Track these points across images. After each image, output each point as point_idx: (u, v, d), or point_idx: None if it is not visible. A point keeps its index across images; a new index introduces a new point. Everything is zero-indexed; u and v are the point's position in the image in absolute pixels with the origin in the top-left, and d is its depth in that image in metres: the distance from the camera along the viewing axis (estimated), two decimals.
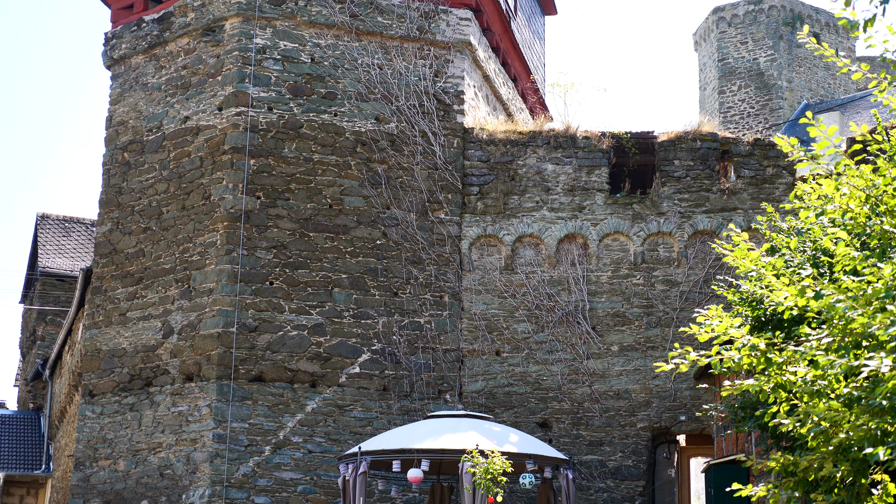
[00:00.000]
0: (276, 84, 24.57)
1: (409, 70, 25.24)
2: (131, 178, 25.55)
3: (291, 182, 24.17)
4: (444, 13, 25.63)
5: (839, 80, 57.06)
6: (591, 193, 24.82)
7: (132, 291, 24.87)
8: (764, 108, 55.38)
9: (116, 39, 26.67)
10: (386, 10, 25.36)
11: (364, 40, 25.25)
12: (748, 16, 56.90)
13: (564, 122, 25.69)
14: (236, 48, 24.57)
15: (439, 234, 24.55)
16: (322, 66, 24.88)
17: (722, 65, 57.03)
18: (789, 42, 55.94)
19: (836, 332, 9.57)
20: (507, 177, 24.94)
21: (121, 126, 26.10)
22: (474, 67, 26.47)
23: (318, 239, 24.06)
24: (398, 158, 24.72)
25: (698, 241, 24.44)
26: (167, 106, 25.36)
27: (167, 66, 25.66)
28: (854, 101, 49.57)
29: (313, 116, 24.59)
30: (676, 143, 24.93)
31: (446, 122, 25.15)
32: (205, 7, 25.22)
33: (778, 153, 24.46)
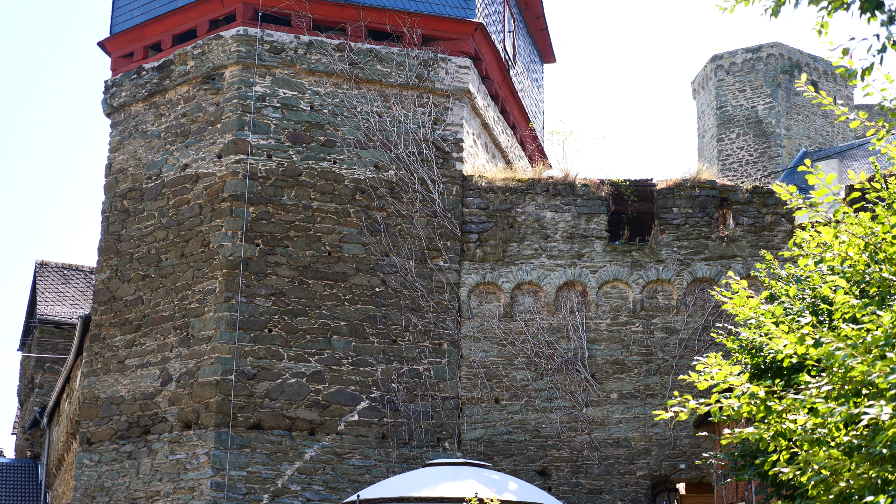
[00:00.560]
0: (275, 132, 24.64)
1: (408, 118, 25.32)
2: (130, 226, 25.56)
3: (290, 229, 24.18)
4: (443, 61, 25.74)
5: (837, 128, 57.25)
6: (589, 241, 24.83)
7: (131, 339, 24.82)
8: (762, 156, 55.51)
9: (116, 87, 26.78)
10: (385, 59, 25.47)
11: (363, 88, 25.35)
12: (746, 64, 57.15)
13: (563, 170, 25.74)
14: (236, 96, 24.66)
15: (438, 281, 24.53)
16: (321, 114, 24.97)
17: (720, 112, 57.22)
18: (787, 90, 56.15)
19: (836, 380, 9.53)
20: (506, 224, 24.96)
21: (120, 173, 26.14)
22: (473, 115, 26.55)
23: (317, 286, 24.04)
24: (397, 206, 24.75)
25: (697, 289, 24.42)
26: (167, 153, 25.42)
27: (167, 113, 25.75)
28: (852, 148, 49.71)
29: (312, 164, 24.63)
30: (675, 190, 24.97)
31: (445, 170, 25.20)
32: (204, 55, 25.33)
33: (777, 201, 24.49)
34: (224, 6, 25.48)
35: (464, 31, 26.05)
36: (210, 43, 25.33)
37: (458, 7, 26.12)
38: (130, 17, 27.04)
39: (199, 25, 25.83)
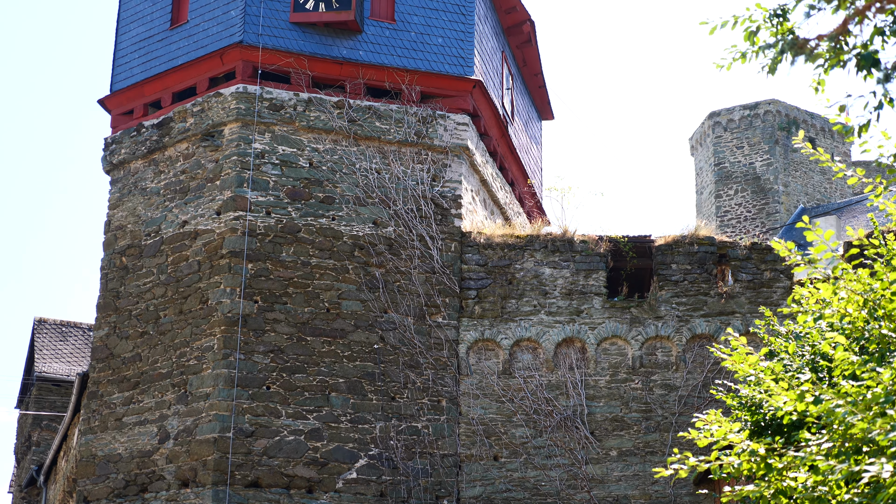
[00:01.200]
0: (274, 188, 24.70)
1: (407, 174, 25.38)
2: (129, 283, 25.55)
3: (289, 286, 24.17)
4: (442, 118, 25.85)
5: (835, 184, 57.42)
6: (588, 297, 24.81)
7: (128, 396, 24.72)
8: (761, 212, 55.62)
9: (116, 144, 26.87)
10: (384, 116, 25.58)
11: (362, 145, 25.44)
12: (744, 121, 57.40)
13: (562, 226, 25.77)
14: (235, 153, 24.74)
15: (437, 338, 24.48)
16: (320, 171, 25.03)
17: (718, 169, 57.39)
18: (785, 146, 56.36)
19: (837, 438, 9.49)
20: (505, 281, 24.94)
21: (119, 230, 26.16)
22: (472, 172, 26.62)
23: (316, 343, 23.99)
24: (396, 262, 24.75)
25: (696, 346, 24.37)
26: (166, 210, 25.46)
27: (166, 170, 25.82)
28: (850, 205, 49.82)
29: (311, 221, 24.67)
30: (674, 247, 24.98)
31: (444, 226, 25.23)
32: (204, 112, 25.44)
33: (775, 257, 24.50)
34: (224, 64, 25.62)
35: (462, 88, 26.18)
36: (210, 100, 25.45)
37: (457, 65, 26.27)
38: (130, 74, 27.19)
39: (199, 83, 25.97)
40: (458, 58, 26.31)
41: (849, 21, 9.14)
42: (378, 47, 25.96)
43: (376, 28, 26.08)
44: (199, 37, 26.19)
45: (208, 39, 25.98)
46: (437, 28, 26.41)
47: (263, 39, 25.39)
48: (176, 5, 27.13)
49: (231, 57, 25.45)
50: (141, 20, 27.55)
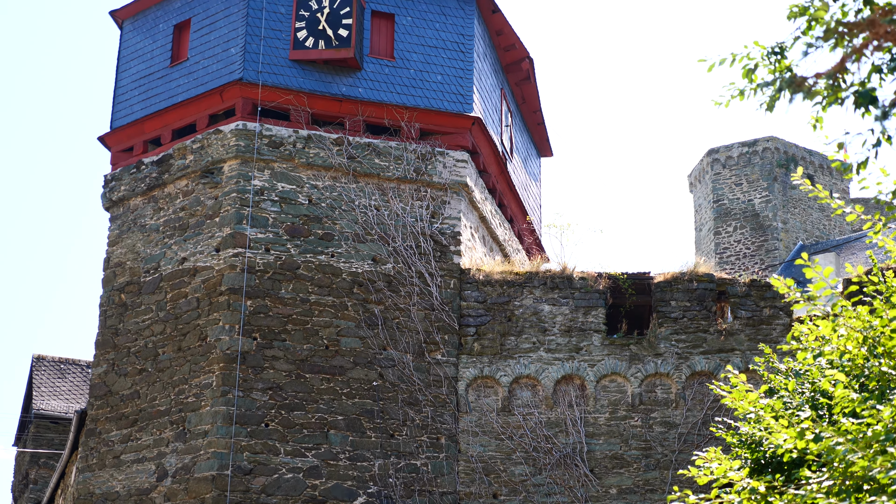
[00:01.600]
0: (273, 225, 24.71)
1: (406, 211, 25.41)
2: (128, 320, 25.52)
3: (288, 323, 24.13)
4: (441, 155, 25.90)
5: (834, 221, 57.46)
6: (587, 334, 24.78)
7: (126, 434, 24.64)
8: (760, 249, 55.64)
9: (116, 182, 26.91)
10: (383, 153, 25.63)
11: (361, 182, 25.47)
12: (742, 157, 57.50)
13: (561, 263, 25.77)
14: (234, 190, 24.77)
15: (436, 375, 24.43)
16: (319, 208, 25.06)
17: (717, 206, 57.45)
18: (784, 183, 56.45)
19: (837, 476, 9.45)
20: (504, 317, 24.92)
21: (118, 267, 26.16)
22: (471, 209, 26.65)
23: (315, 380, 23.94)
24: (395, 299, 24.73)
25: (696, 383, 24.32)
26: (165, 247, 25.47)
27: (165, 207, 25.84)
28: (849, 242, 49.83)
29: (310, 257, 24.67)
30: (673, 283, 24.97)
31: (443, 263, 25.23)
32: (203, 150, 25.49)
33: (774, 294, 24.48)
34: (224, 101, 25.70)
35: (461, 125, 26.25)
36: (209, 137, 25.51)
37: (456, 102, 26.35)
38: (130, 112, 27.27)
39: (199, 120, 26.03)
40: (457, 95, 26.39)
41: (846, 59, 9.17)
42: (377, 84, 26.05)
43: (376, 65, 26.17)
44: (199, 74, 26.29)
45: (208, 77, 26.08)
46: (437, 65, 26.51)
47: (263, 77, 25.47)
48: (176, 43, 27.24)
49: (231, 94, 25.53)
50: (141, 58, 27.66)
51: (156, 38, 27.58)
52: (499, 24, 28.76)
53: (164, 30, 27.47)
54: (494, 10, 28.12)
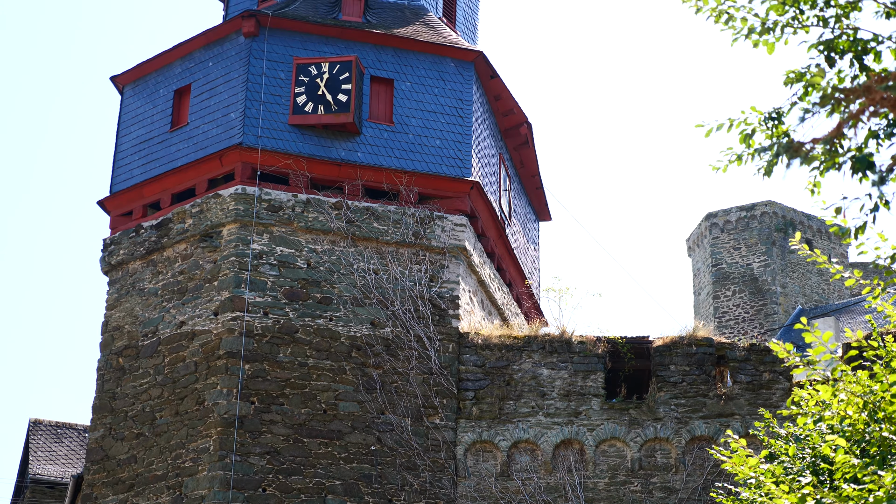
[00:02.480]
0: (272, 289, 24.70)
1: (405, 275, 25.42)
2: (125, 384, 25.43)
3: (286, 387, 24.06)
4: (440, 219, 25.94)
5: (833, 286, 57.49)
6: (586, 398, 24.69)
7: (123, 499, 24.46)
8: (759, 313, 55.61)
9: (115, 245, 26.93)
10: (382, 217, 25.68)
11: (360, 245, 25.50)
12: (740, 222, 57.64)
13: (560, 327, 25.73)
14: (233, 253, 24.78)
15: (434, 439, 24.31)
16: (318, 272, 25.06)
17: (716, 270, 57.50)
18: (782, 248, 56.54)
19: None
20: (503, 381, 24.84)
21: (116, 331, 26.12)
22: (469, 272, 26.66)
23: (312, 444, 23.81)
24: (393, 363, 24.67)
25: (696, 448, 24.19)
26: (163, 311, 25.44)
27: (164, 271, 25.84)
28: (848, 306, 49.84)
29: (309, 321, 24.63)
30: (672, 348, 24.93)
31: (441, 327, 25.19)
32: (203, 214, 25.54)
33: (774, 358, 24.43)
34: (223, 165, 25.79)
35: (460, 189, 26.32)
36: (209, 201, 25.56)
37: (455, 166, 26.44)
38: (130, 176, 27.35)
39: (198, 184, 26.11)
40: (455, 159, 26.49)
41: (843, 124, 9.21)
42: (376, 149, 26.16)
43: (375, 130, 26.30)
44: (199, 139, 26.41)
45: (208, 141, 26.19)
46: (435, 130, 26.63)
47: (262, 141, 25.58)
48: (176, 108, 27.39)
49: (230, 158, 25.63)
50: (141, 122, 27.80)
51: (156, 103, 27.74)
52: (497, 90, 28.93)
53: (165, 95, 27.64)
54: (493, 75, 28.30)
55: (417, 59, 27.20)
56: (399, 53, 27.14)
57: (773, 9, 10.69)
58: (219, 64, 26.84)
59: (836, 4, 10.46)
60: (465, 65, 27.48)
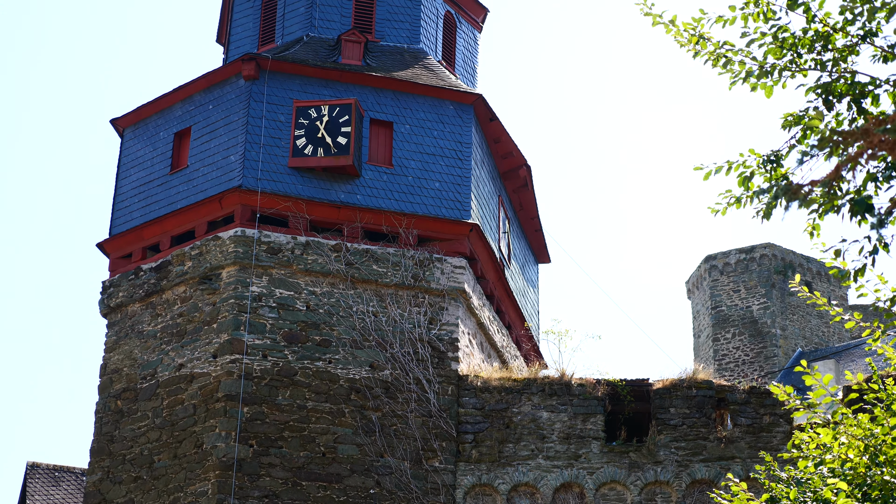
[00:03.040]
0: (271, 331, 24.67)
1: (404, 317, 25.38)
2: (124, 427, 25.34)
3: (285, 430, 23.97)
4: (439, 261, 25.94)
5: (833, 328, 57.42)
6: (586, 441, 24.60)
7: None
8: (759, 356, 55.50)
9: (114, 288, 26.91)
10: (381, 259, 25.68)
11: (359, 288, 25.48)
12: (740, 264, 57.63)
13: (559, 370, 25.67)
14: (232, 296, 24.76)
15: (433, 482, 24.20)
16: (317, 314, 25.03)
17: (715, 312, 57.44)
18: (782, 290, 56.50)
19: None
20: (502, 424, 24.76)
21: (115, 374, 26.05)
22: (469, 315, 26.62)
23: (311, 488, 23.70)
24: (392, 406, 24.59)
25: (696, 491, 24.08)
26: (162, 353, 25.39)
27: (163, 313, 25.81)
28: (849, 348, 49.74)
29: (308, 364, 24.58)
30: (672, 390, 24.87)
31: (441, 370, 25.13)
32: (202, 256, 25.54)
33: (774, 401, 24.35)
34: (223, 208, 25.81)
35: (459, 232, 26.34)
36: (208, 244, 25.57)
37: (454, 209, 26.47)
38: (130, 218, 27.37)
39: (198, 227, 26.12)
40: (455, 202, 26.52)
41: (841, 167, 9.24)
42: (376, 191, 26.19)
43: (374, 172, 26.35)
44: (199, 181, 26.45)
45: (208, 184, 26.23)
46: (435, 173, 26.68)
47: (262, 184, 25.62)
48: (176, 151, 27.46)
49: (230, 201, 25.66)
50: (141, 165, 27.86)
51: (156, 145, 27.80)
52: (496, 132, 29.01)
53: (165, 138, 27.71)
54: (492, 118, 28.39)
55: (417, 101, 27.29)
56: (398, 96, 27.24)
57: (770, 52, 10.75)
58: (219, 107, 26.92)
59: (834, 48, 10.52)
60: (465, 108, 27.57)
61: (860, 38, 10.57)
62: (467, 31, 31.42)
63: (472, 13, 31.57)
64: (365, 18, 29.19)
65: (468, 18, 31.48)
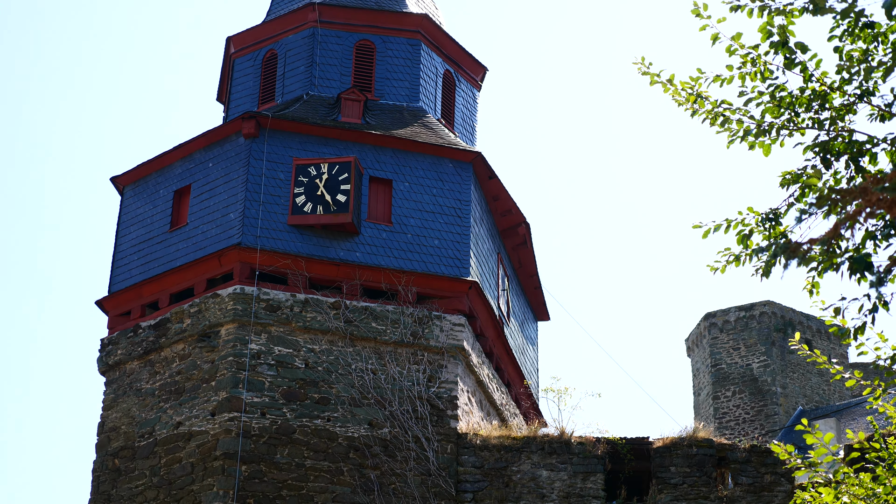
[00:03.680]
0: (269, 389, 24.58)
1: (403, 375, 25.31)
2: (121, 485, 25.18)
3: (283, 488, 23.83)
4: (438, 318, 25.91)
5: (834, 386, 57.26)
6: (586, 500, 24.45)
7: None
8: (759, 414, 55.31)
9: (112, 345, 26.86)
10: (380, 316, 25.65)
11: (358, 345, 25.44)
12: (739, 322, 57.58)
13: (559, 428, 25.56)
14: (231, 353, 24.71)
15: None
16: (316, 371, 24.97)
17: (715, 370, 57.31)
18: (782, 348, 56.41)
19: None
20: (502, 483, 24.61)
21: (113, 432, 25.93)
22: (468, 372, 26.55)
23: None
24: (391, 464, 24.46)
25: None
26: (160, 411, 25.28)
27: (162, 371, 25.74)
28: (850, 407, 49.59)
29: (306, 422, 24.48)
30: (672, 449, 24.75)
31: (440, 428, 25.02)
32: (201, 313, 25.51)
33: (775, 460, 24.24)
34: (222, 266, 25.81)
35: (459, 289, 26.32)
36: (207, 301, 25.55)
37: (453, 266, 26.47)
38: (129, 276, 27.37)
39: (197, 284, 26.11)
40: (454, 259, 26.54)
41: (840, 225, 9.25)
42: (375, 249, 26.21)
43: (373, 230, 26.38)
44: (198, 239, 26.47)
45: (207, 241, 26.26)
46: (434, 230, 26.71)
47: (261, 241, 25.64)
48: (176, 208, 27.50)
49: (229, 259, 25.67)
50: (141, 223, 27.90)
51: (156, 203, 27.85)
52: (495, 190, 29.08)
53: (165, 195, 27.76)
54: (491, 175, 28.47)
55: (416, 159, 27.38)
56: (398, 154, 27.33)
57: (768, 111, 10.80)
58: (219, 165, 27.01)
59: (831, 107, 10.57)
60: (464, 165, 27.66)
61: (857, 97, 10.63)
62: (466, 89, 31.58)
63: (471, 72, 31.76)
64: (365, 77, 29.36)
65: (467, 77, 31.66)
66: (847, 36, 10.62)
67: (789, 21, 10.85)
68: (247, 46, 30.57)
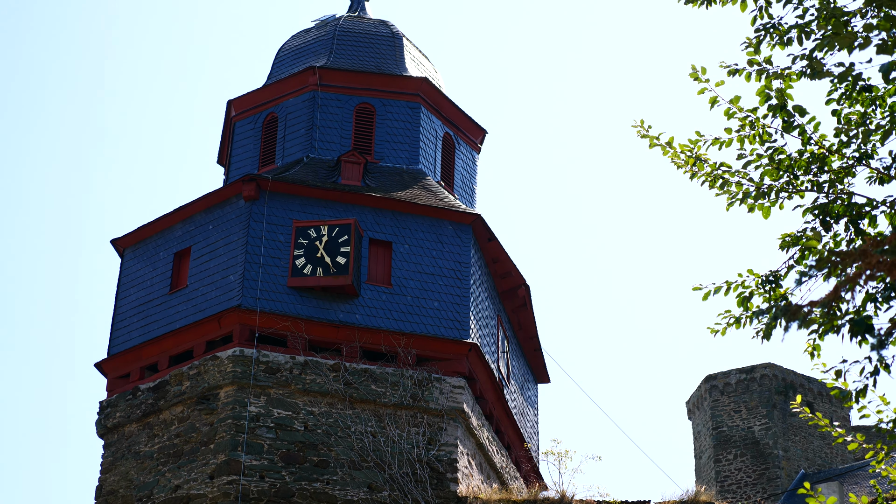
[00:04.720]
0: (268, 452, 24.45)
1: (403, 438, 25.19)
2: None
3: None
4: (438, 381, 25.83)
5: (836, 449, 56.93)
6: None
7: None
8: (761, 477, 54.95)
9: (111, 408, 26.75)
10: (380, 379, 25.57)
11: (357, 408, 25.33)
12: (740, 384, 57.36)
13: (559, 491, 25.40)
14: (230, 416, 24.60)
15: None
16: (315, 434, 24.85)
17: (716, 433, 57.02)
18: (783, 411, 56.15)
19: None
20: None
21: (111, 495, 25.76)
22: (468, 435, 26.42)
23: None
24: None
25: None
26: (159, 475, 25.14)
27: (160, 434, 25.62)
28: (853, 470, 49.28)
29: (305, 485, 24.32)
30: None
31: (440, 491, 24.86)
32: (200, 376, 25.44)
33: None
34: (221, 328, 25.77)
35: (458, 351, 26.26)
36: (206, 363, 25.49)
37: (453, 328, 26.42)
38: (128, 338, 27.32)
39: (196, 346, 26.06)
40: (454, 321, 26.49)
41: (840, 288, 9.25)
42: (374, 311, 26.18)
43: (373, 292, 26.36)
44: (198, 301, 26.45)
45: (207, 303, 26.23)
46: (434, 292, 26.70)
47: (261, 303, 25.61)
48: (176, 270, 27.51)
49: (229, 321, 25.63)
50: (141, 285, 27.89)
51: (156, 265, 27.86)
52: (495, 252, 29.10)
53: (165, 258, 27.78)
54: (490, 237, 28.50)
55: (416, 221, 27.42)
56: (397, 216, 27.37)
57: (767, 174, 10.84)
58: (219, 227, 27.05)
59: (830, 170, 10.61)
60: (464, 227, 27.69)
61: (856, 160, 10.66)
62: (466, 152, 31.70)
63: (470, 135, 31.89)
64: (364, 140, 29.48)
65: (467, 140, 31.78)
66: (845, 99, 10.68)
67: (787, 84, 10.91)
68: (247, 109, 30.73)
